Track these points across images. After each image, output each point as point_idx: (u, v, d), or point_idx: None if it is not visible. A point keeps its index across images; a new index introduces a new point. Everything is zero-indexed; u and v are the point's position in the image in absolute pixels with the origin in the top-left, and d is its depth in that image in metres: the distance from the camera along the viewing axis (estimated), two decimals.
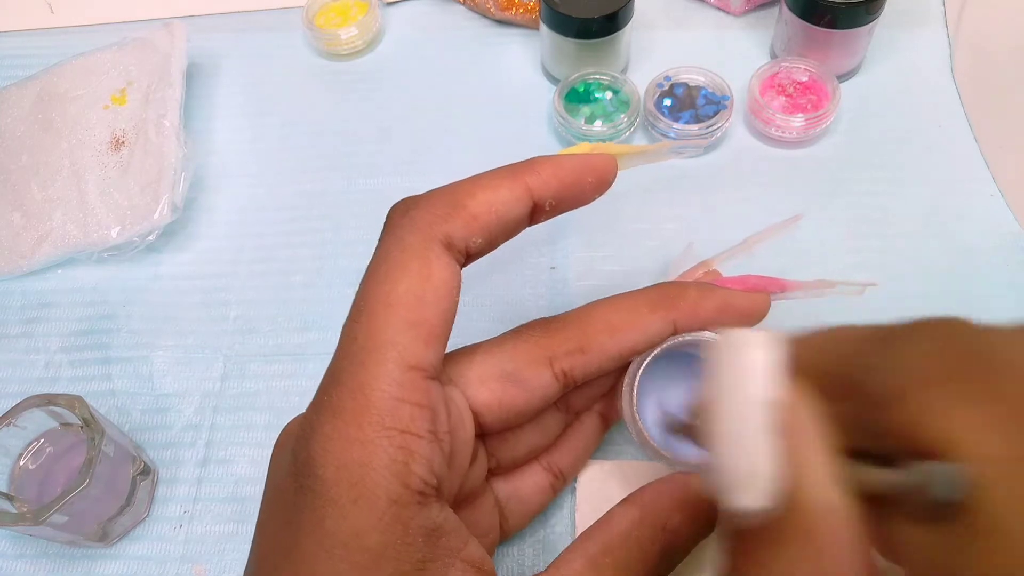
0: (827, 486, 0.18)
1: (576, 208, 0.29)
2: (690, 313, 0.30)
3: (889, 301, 0.40)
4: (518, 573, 0.34)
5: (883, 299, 0.40)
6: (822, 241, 0.42)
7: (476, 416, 0.28)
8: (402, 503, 0.23)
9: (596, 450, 0.35)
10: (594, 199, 0.29)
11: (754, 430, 0.18)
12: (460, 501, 0.29)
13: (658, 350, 0.30)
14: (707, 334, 0.30)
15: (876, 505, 0.18)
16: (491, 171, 0.27)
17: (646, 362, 0.30)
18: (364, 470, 0.23)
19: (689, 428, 0.29)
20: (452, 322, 0.26)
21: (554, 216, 0.29)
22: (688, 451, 0.31)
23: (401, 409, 0.23)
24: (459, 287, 0.26)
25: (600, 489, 0.35)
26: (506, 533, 0.32)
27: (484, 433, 0.29)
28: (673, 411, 0.34)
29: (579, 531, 0.35)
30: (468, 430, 0.27)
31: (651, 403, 0.34)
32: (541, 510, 0.33)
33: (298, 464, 0.24)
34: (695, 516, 0.28)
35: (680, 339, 0.30)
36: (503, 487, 0.32)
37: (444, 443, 0.25)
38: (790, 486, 0.18)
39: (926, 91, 0.49)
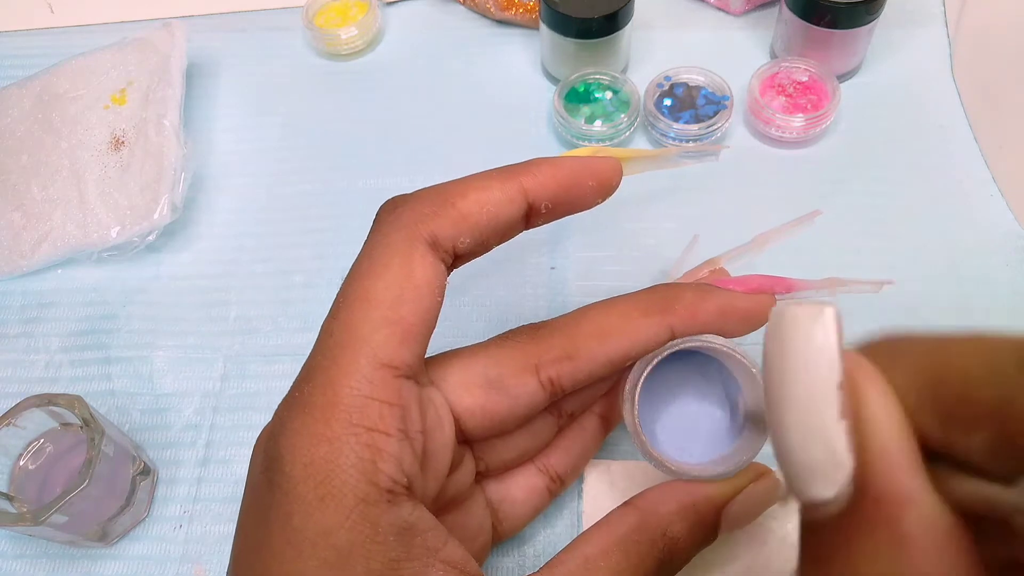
0: (906, 473, 0.16)
1: (576, 212, 0.28)
2: (688, 317, 0.29)
3: (889, 301, 0.40)
4: (519, 574, 0.34)
5: (882, 299, 0.40)
6: (822, 241, 0.42)
7: (458, 421, 0.28)
8: (370, 501, 0.23)
9: (600, 451, 0.35)
10: (596, 204, 0.29)
11: (821, 415, 0.16)
12: (446, 504, 0.28)
13: (659, 357, 0.29)
14: (710, 337, 0.29)
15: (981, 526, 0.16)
16: (485, 171, 0.27)
17: (647, 370, 0.29)
18: (331, 467, 0.23)
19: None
20: (433, 322, 0.26)
21: (552, 220, 0.28)
22: (691, 459, 0.30)
23: (370, 407, 0.23)
24: (443, 287, 0.26)
25: (607, 490, 0.35)
26: (501, 535, 0.32)
27: (468, 439, 0.29)
28: (677, 418, 0.33)
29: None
30: (447, 433, 0.27)
31: (653, 410, 0.33)
32: (537, 513, 0.33)
33: (268, 460, 0.24)
34: (697, 524, 0.28)
35: (681, 344, 0.29)
36: (495, 489, 0.31)
37: (416, 442, 0.25)
38: (865, 473, 0.16)
39: (926, 91, 0.49)
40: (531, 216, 0.27)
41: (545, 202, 0.27)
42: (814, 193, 0.45)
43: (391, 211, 0.26)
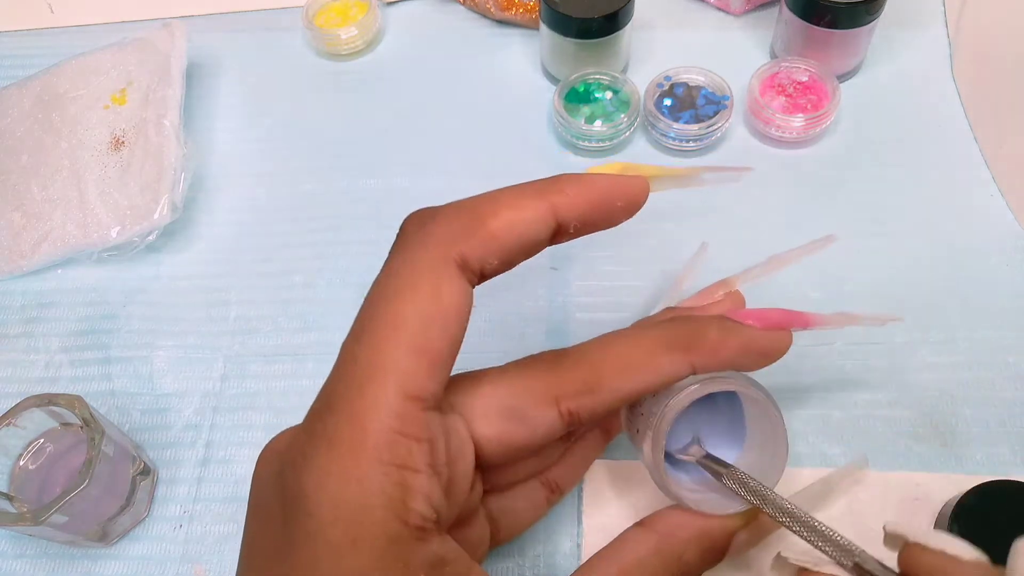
0: None
1: (602, 230, 0.28)
2: (711, 354, 0.28)
3: (889, 301, 0.40)
4: (519, 574, 0.34)
5: (883, 299, 0.40)
6: None
7: (476, 448, 0.27)
8: (402, 541, 0.22)
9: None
10: (621, 223, 0.28)
11: None
12: (453, 524, 0.28)
13: (688, 402, 0.28)
14: (730, 374, 0.29)
15: None
16: (515, 187, 0.26)
17: (676, 413, 0.28)
18: (361, 509, 0.22)
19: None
20: (459, 348, 0.25)
21: (577, 238, 0.27)
22: (706, 491, 0.30)
23: (399, 443, 0.22)
24: (469, 311, 0.25)
25: (607, 491, 0.35)
26: (497, 542, 0.31)
27: (484, 466, 0.28)
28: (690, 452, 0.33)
29: (586, 532, 0.35)
30: (468, 461, 0.26)
31: (668, 444, 0.33)
32: (535, 521, 0.33)
33: (288, 495, 0.23)
34: (710, 550, 0.28)
35: (706, 387, 0.29)
36: (495, 501, 0.31)
37: (443, 475, 0.24)
38: None
39: (926, 91, 0.49)
40: (558, 235, 0.26)
41: (575, 222, 0.26)
42: (814, 193, 0.45)
43: (420, 227, 0.25)
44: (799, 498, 0.31)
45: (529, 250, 0.26)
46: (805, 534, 0.26)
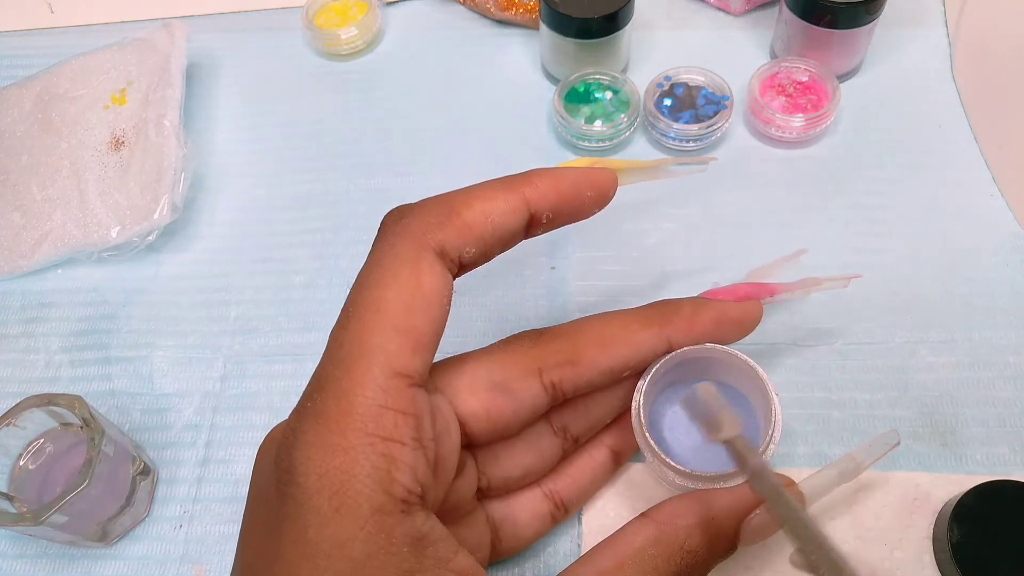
0: None
1: (574, 222, 0.29)
2: (685, 328, 0.30)
3: (889, 300, 0.40)
4: None
5: (883, 298, 0.40)
6: (822, 241, 0.42)
7: (463, 425, 0.28)
8: (385, 511, 0.23)
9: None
10: (593, 214, 0.29)
11: None
12: (447, 514, 0.28)
13: (656, 367, 0.30)
14: (708, 346, 0.30)
15: None
16: (488, 181, 0.27)
17: (646, 382, 0.30)
18: (346, 478, 0.22)
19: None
20: (441, 331, 0.26)
21: (551, 229, 0.29)
22: (710, 467, 0.30)
23: (385, 416, 0.23)
24: (450, 296, 0.26)
25: (608, 493, 0.35)
26: (499, 554, 0.32)
27: (472, 444, 0.29)
28: (685, 433, 0.33)
29: (585, 532, 0.35)
30: (454, 439, 0.27)
31: (661, 426, 0.33)
32: (538, 537, 0.33)
33: (280, 471, 0.24)
34: (716, 537, 0.28)
35: (680, 355, 0.30)
36: (498, 508, 0.32)
37: (429, 450, 0.25)
38: None
39: (926, 91, 0.49)
40: (532, 226, 0.28)
41: (546, 212, 0.28)
42: (814, 193, 0.45)
43: (397, 220, 0.26)
44: (825, 471, 0.30)
45: (505, 240, 0.27)
46: (811, 554, 0.24)
